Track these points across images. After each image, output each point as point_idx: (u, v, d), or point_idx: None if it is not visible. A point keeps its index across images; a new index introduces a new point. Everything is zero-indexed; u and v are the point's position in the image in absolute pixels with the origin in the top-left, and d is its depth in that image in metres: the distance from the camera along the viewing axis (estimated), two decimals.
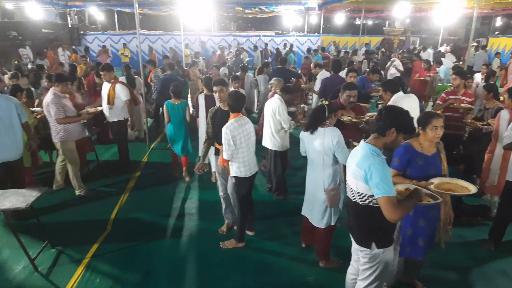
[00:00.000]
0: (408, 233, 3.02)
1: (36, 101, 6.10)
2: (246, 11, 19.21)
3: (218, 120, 3.97)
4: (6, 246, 3.98)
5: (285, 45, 17.48)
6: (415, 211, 2.95)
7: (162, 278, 3.55)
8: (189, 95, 9.34)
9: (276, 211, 4.84)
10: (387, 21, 26.00)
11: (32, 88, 7.27)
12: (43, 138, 5.60)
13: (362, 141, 2.50)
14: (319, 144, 3.28)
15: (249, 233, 4.20)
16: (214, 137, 4.06)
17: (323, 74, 7.01)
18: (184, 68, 10.31)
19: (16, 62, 9.99)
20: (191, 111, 5.83)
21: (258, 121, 6.43)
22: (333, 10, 19.71)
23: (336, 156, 3.26)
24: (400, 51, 16.90)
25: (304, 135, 3.46)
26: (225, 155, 3.62)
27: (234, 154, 3.63)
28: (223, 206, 4.28)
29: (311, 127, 3.35)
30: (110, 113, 5.77)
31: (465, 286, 3.49)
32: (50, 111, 4.78)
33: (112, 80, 5.74)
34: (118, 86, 5.69)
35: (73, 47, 17.17)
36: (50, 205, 4.87)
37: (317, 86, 6.76)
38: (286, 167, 5.04)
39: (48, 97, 4.83)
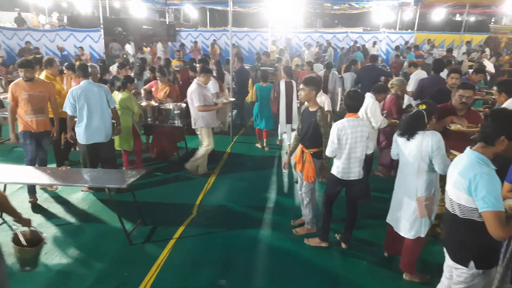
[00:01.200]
0: None
1: (142, 92, 6.72)
2: (335, 7, 18.72)
3: (304, 120, 3.96)
4: (107, 220, 4.47)
5: (374, 42, 16.67)
6: None
7: (239, 267, 3.65)
8: None
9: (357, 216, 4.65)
10: (493, 18, 23.20)
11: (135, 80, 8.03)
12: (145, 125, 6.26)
13: (467, 149, 2.25)
14: (416, 148, 3.04)
15: (343, 245, 3.97)
16: (301, 137, 4.04)
17: (418, 74, 6.51)
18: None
19: (124, 56, 11.11)
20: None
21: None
22: (431, 5, 18.18)
23: (433, 163, 3.00)
24: (509, 52, 14.97)
25: (398, 139, 3.24)
26: (327, 150, 3.63)
27: (337, 154, 3.58)
28: (303, 202, 4.25)
29: (408, 134, 3.12)
30: None
31: None
32: (193, 99, 5.32)
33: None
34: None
35: (169, 42, 18.54)
36: (145, 186, 5.33)
37: (410, 86, 6.30)
38: (370, 170, 4.82)
39: (192, 87, 5.40)
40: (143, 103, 6.06)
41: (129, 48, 15.78)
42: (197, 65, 6.35)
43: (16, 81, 4.61)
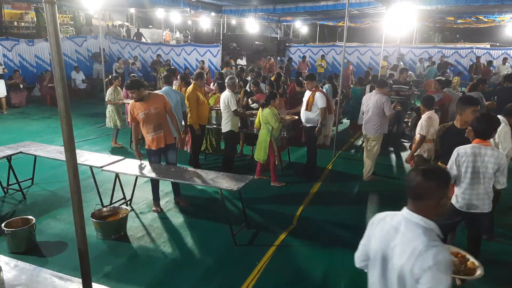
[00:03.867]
0: None
1: (250, 101, 7.25)
2: (458, 21, 17.13)
3: (449, 138, 3.76)
4: (216, 218, 4.83)
5: (505, 59, 14.71)
6: None
7: (340, 284, 3.59)
8: None
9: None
10: None
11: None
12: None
13: None
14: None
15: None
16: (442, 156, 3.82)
17: None
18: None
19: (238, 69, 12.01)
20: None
21: None
22: None
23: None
24: None
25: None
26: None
27: (457, 181, 3.29)
28: None
29: None
30: (308, 119, 6.22)
31: None
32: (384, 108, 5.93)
33: (313, 89, 6.18)
34: (317, 94, 6.10)
35: (278, 57, 19.29)
36: (252, 191, 5.57)
37: None
38: (497, 202, 4.26)
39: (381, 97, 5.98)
40: (287, 117, 6.56)
41: (242, 61, 16.94)
42: (304, 81, 6.56)
43: (132, 102, 4.75)
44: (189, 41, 19.76)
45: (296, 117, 6.68)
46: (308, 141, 6.47)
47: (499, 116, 4.03)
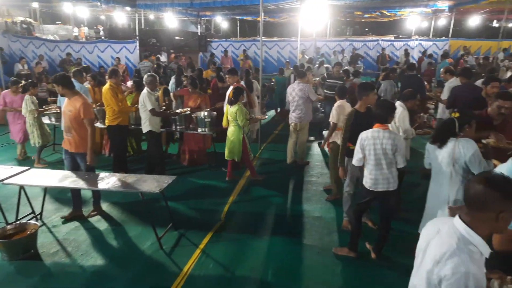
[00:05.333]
0: None
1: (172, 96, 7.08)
2: (365, 15, 18.53)
3: (355, 123, 4.03)
4: (139, 223, 4.62)
5: (405, 50, 16.32)
6: None
7: (268, 276, 3.67)
8: None
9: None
10: None
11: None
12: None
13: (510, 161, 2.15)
14: (448, 155, 2.99)
15: (372, 255, 3.91)
16: (348, 140, 4.10)
17: (453, 82, 6.32)
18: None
19: (155, 65, 11.52)
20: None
21: None
22: (467, 12, 17.60)
23: (472, 170, 2.92)
24: None
25: (430, 147, 3.19)
26: (354, 160, 3.66)
27: (365, 163, 3.58)
28: (347, 204, 4.30)
29: (439, 140, 3.07)
30: None
31: None
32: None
33: (235, 84, 6.21)
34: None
35: (200, 53, 19.01)
36: (176, 192, 5.44)
37: (445, 94, 6.13)
38: (402, 180, 4.70)
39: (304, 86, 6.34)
40: (258, 116, 6.68)
41: (163, 58, 16.36)
42: (226, 75, 6.53)
43: None
44: (102, 37, 18.50)
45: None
46: None
47: (398, 102, 4.45)
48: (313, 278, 3.61)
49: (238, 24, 21.78)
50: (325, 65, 13.10)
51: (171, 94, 7.11)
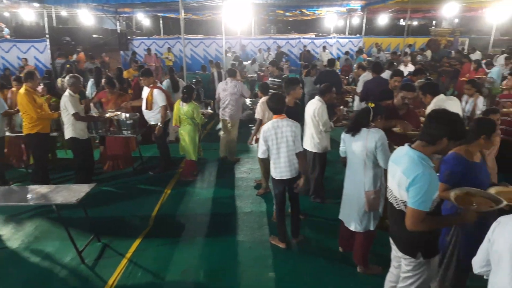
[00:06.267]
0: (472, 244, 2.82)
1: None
2: (287, 14, 19.18)
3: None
4: (56, 238, 4.24)
5: (324, 47, 17.25)
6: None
7: (200, 276, 3.62)
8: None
9: (312, 214, 4.78)
10: (434, 22, 24.87)
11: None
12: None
13: (407, 147, 2.33)
14: (362, 145, 3.21)
15: (293, 239, 4.13)
16: None
17: (365, 76, 6.83)
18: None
19: (68, 66, 10.63)
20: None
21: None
22: (377, 11, 19.15)
23: (377, 158, 3.17)
24: (448, 52, 16.07)
25: (346, 136, 3.40)
26: (259, 152, 3.83)
27: (269, 154, 3.77)
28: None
29: (354, 129, 3.29)
30: (149, 117, 5.99)
31: None
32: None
33: (151, 85, 5.94)
34: (155, 92, 5.86)
35: (121, 51, 18.05)
36: (98, 200, 5.13)
37: (359, 88, 6.60)
38: (324, 169, 4.97)
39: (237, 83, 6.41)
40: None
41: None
42: (140, 77, 6.23)
43: None
44: (6, 36, 16.62)
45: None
46: (156, 138, 6.25)
47: (316, 97, 4.67)
48: (245, 273, 3.64)
49: (161, 21, 21.10)
50: (257, 62, 13.38)
51: (86, 100, 6.56)
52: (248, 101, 9.52)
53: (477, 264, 1.96)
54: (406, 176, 2.20)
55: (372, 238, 3.48)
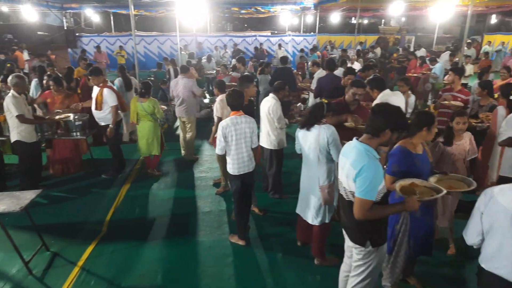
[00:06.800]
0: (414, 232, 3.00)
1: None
2: (242, 11, 19.20)
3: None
4: (4, 250, 3.94)
5: (279, 45, 17.47)
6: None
7: (158, 279, 3.53)
8: None
9: (271, 210, 4.83)
10: (383, 20, 26.06)
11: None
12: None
13: (355, 140, 2.44)
14: (315, 141, 3.28)
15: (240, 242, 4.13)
16: None
17: (320, 73, 7.00)
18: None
19: (8, 65, 9.89)
20: None
21: None
22: (329, 9, 19.71)
23: (330, 153, 3.27)
24: (397, 50, 16.91)
25: (299, 133, 3.46)
26: (217, 149, 3.81)
27: (227, 151, 3.78)
28: None
29: (308, 124, 3.36)
30: (100, 118, 5.73)
31: (459, 281, 3.50)
32: None
33: (101, 85, 5.68)
34: (105, 91, 5.61)
35: (69, 49, 17.15)
36: (47, 206, 4.85)
37: (314, 84, 6.75)
38: (281, 165, 5.03)
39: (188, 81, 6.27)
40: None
41: (25, 55, 14.23)
42: (89, 76, 5.96)
43: None
44: None
45: None
46: (108, 140, 6.00)
47: (270, 94, 4.71)
48: (204, 273, 3.60)
49: (112, 17, 20.30)
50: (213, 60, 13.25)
51: (30, 101, 6.14)
52: (206, 99, 9.44)
53: (470, 236, 2.20)
54: (353, 167, 2.30)
55: (328, 231, 3.58)
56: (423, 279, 3.39)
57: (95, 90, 5.71)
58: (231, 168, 3.84)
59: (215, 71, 12.23)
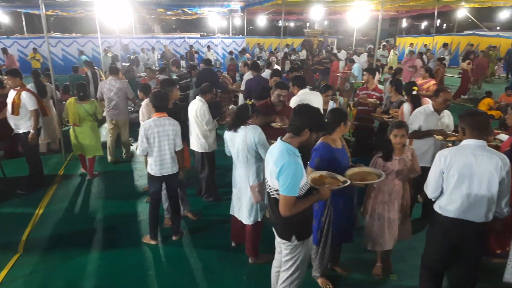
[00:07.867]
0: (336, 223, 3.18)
1: None
2: (169, 13, 18.78)
3: None
4: None
5: (208, 47, 17.43)
6: (335, 201, 3.12)
7: None
8: None
9: (205, 213, 4.79)
10: (308, 23, 27.36)
11: None
12: None
13: (279, 139, 2.56)
14: (242, 142, 3.34)
15: (174, 237, 4.19)
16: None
17: (248, 76, 7.11)
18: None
19: None
20: None
21: None
22: (256, 12, 20.15)
23: (259, 152, 3.35)
24: (319, 52, 17.87)
25: (227, 135, 3.49)
26: (138, 150, 3.78)
27: (149, 152, 3.78)
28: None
29: (234, 126, 3.40)
30: (17, 124, 5.22)
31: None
32: None
33: (18, 88, 5.20)
34: (24, 94, 5.15)
35: None
36: None
37: (243, 86, 6.85)
38: (214, 168, 5.02)
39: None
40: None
41: None
42: (5, 77, 5.38)
43: None
44: None
45: None
46: (25, 150, 5.47)
47: (197, 97, 4.68)
48: (138, 279, 3.48)
49: (24, 18, 18.52)
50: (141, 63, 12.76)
51: None
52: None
53: (430, 191, 2.73)
54: (276, 165, 2.41)
55: (260, 229, 3.66)
56: (347, 265, 3.63)
57: (11, 93, 5.19)
58: (153, 169, 3.84)
59: (145, 75, 11.79)
